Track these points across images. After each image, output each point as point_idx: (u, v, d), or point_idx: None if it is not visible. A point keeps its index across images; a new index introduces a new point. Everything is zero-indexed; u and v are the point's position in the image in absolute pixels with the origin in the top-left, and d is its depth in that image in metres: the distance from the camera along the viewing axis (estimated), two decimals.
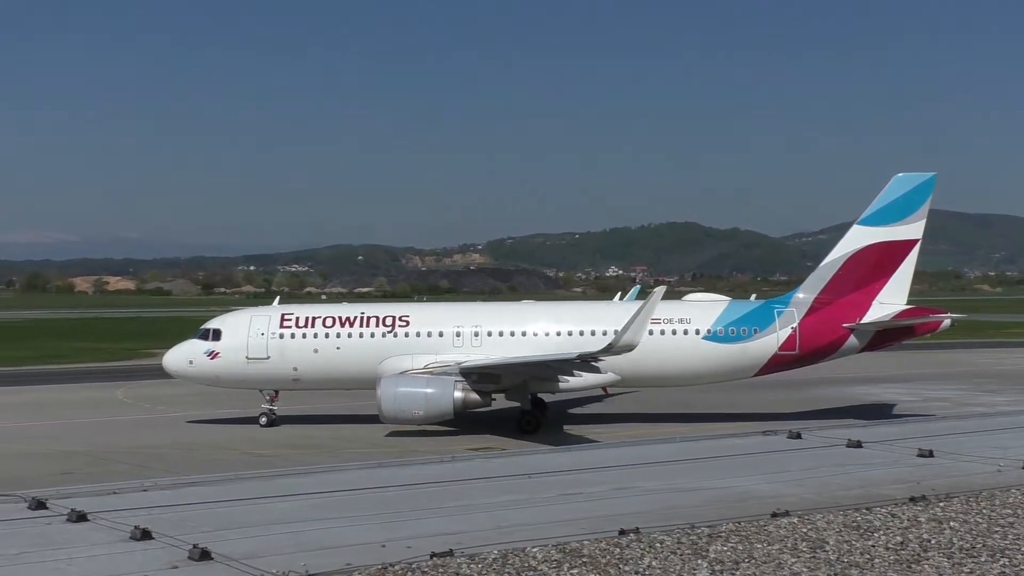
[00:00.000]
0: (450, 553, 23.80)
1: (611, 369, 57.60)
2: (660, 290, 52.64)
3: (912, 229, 59.78)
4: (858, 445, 37.61)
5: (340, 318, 60.62)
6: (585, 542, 24.66)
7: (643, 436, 50.60)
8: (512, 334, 59.62)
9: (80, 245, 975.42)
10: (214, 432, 57.70)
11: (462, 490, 32.39)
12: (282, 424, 60.26)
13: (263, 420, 60.34)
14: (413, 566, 23.11)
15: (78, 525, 27.82)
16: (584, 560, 23.41)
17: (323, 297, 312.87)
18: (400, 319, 60.26)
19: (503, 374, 55.61)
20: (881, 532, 25.22)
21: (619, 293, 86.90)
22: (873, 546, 24.08)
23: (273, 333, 59.87)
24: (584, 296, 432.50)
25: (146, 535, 25.95)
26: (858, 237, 60.22)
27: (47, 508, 30.01)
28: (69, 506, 29.39)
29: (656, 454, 39.30)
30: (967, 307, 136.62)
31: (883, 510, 27.32)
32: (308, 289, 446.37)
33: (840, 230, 62.36)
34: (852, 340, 59.81)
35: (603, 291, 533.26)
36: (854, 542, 24.37)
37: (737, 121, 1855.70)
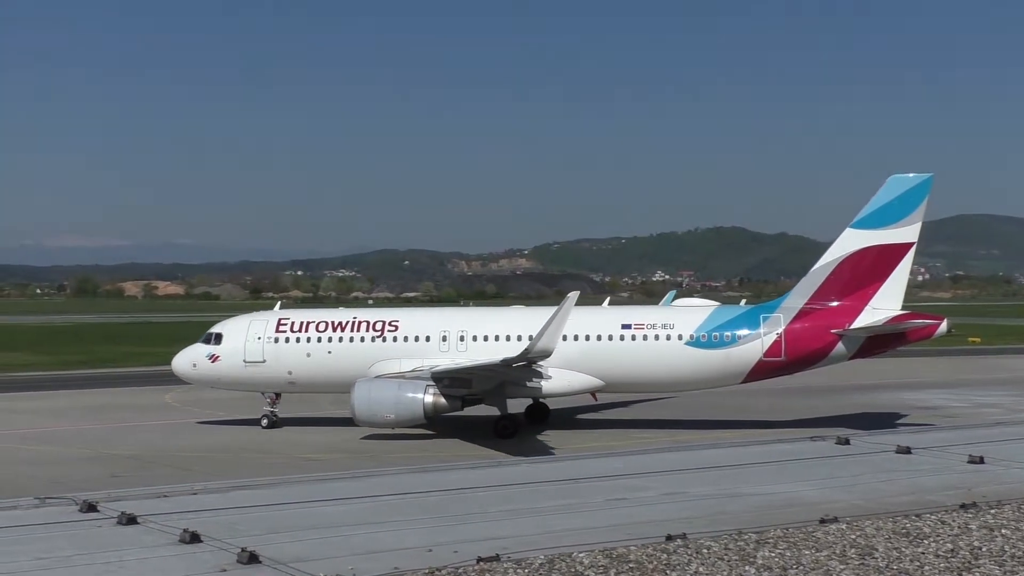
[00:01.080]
0: (496, 558, 23.80)
1: (595, 374, 58.53)
2: (573, 295, 52.56)
3: (907, 232, 57.73)
4: (907, 451, 37.29)
5: (332, 323, 61.76)
6: (632, 547, 24.60)
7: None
8: (497, 338, 59.95)
9: (130, 250, 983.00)
10: (262, 436, 58.03)
11: (508, 494, 32.38)
12: (325, 427, 60.70)
13: (264, 422, 61.55)
14: (460, 571, 23.13)
15: (128, 528, 28.06)
16: (631, 566, 23.34)
17: (370, 302, 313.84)
18: (389, 324, 61.20)
19: (473, 378, 55.62)
20: (931, 539, 24.99)
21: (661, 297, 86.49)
22: (923, 553, 23.85)
23: (269, 337, 61.26)
24: (629, 301, 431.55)
25: (195, 538, 26.14)
26: (851, 240, 58.21)
27: (98, 511, 30.29)
28: (119, 509, 29.65)
29: (704, 459, 39.13)
30: (1018, 312, 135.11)
31: (933, 517, 27.06)
32: (355, 294, 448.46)
33: None
34: (840, 346, 57.94)
35: (649, 296, 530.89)
36: (904, 549, 24.15)
37: (784, 124, 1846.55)
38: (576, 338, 58.98)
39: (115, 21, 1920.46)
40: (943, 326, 58.49)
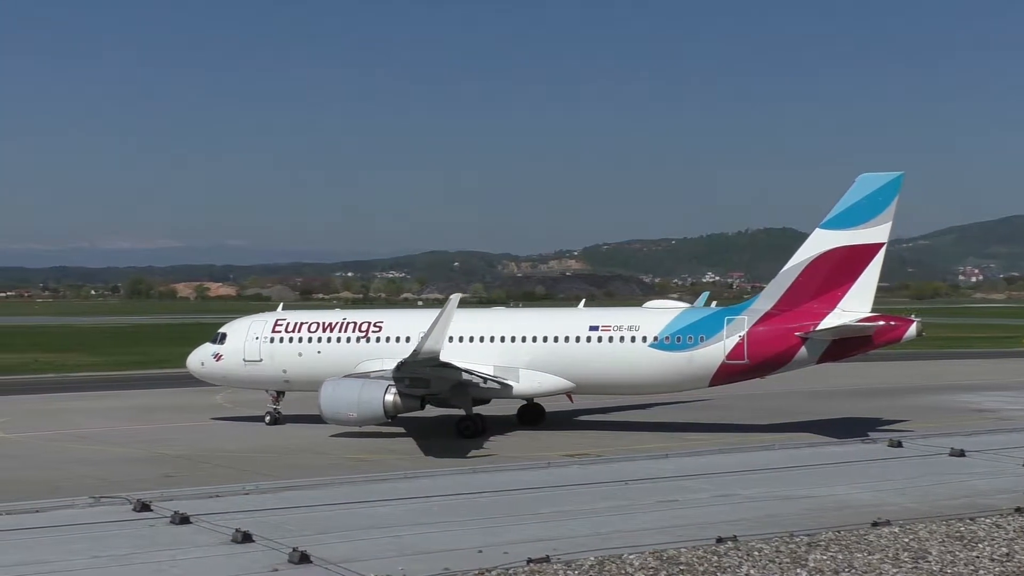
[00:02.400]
0: (547, 559, 23.82)
1: (564, 376, 59.02)
2: (455, 298, 53.22)
3: (877, 232, 56.21)
4: (961, 454, 36.99)
5: (323, 324, 63.98)
6: (682, 549, 24.54)
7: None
8: (471, 340, 60.81)
9: (183, 251, 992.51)
10: (312, 436, 58.28)
11: (558, 496, 32.39)
12: (381, 426, 60.96)
13: (267, 419, 63.06)
14: (510, 572, 23.16)
15: (181, 527, 28.34)
16: (681, 567, 23.28)
17: (419, 304, 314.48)
18: (374, 325, 63.10)
19: (431, 379, 55.93)
20: (986, 543, 24.75)
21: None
22: (977, 557, 23.63)
23: (266, 338, 63.72)
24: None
25: (247, 538, 26.36)
26: (820, 241, 56.68)
27: (151, 510, 30.62)
28: (172, 508, 29.96)
29: (755, 461, 38.99)
30: None
31: (988, 520, 26.82)
32: (405, 295, 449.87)
33: (940, 236, 60.89)
34: (804, 350, 56.22)
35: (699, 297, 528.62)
36: (958, 553, 23.94)
37: (833, 125, 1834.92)
38: (545, 339, 59.94)
39: (172, 20, 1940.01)
40: (912, 329, 56.38)
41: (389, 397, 54.21)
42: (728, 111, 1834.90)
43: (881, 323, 56.07)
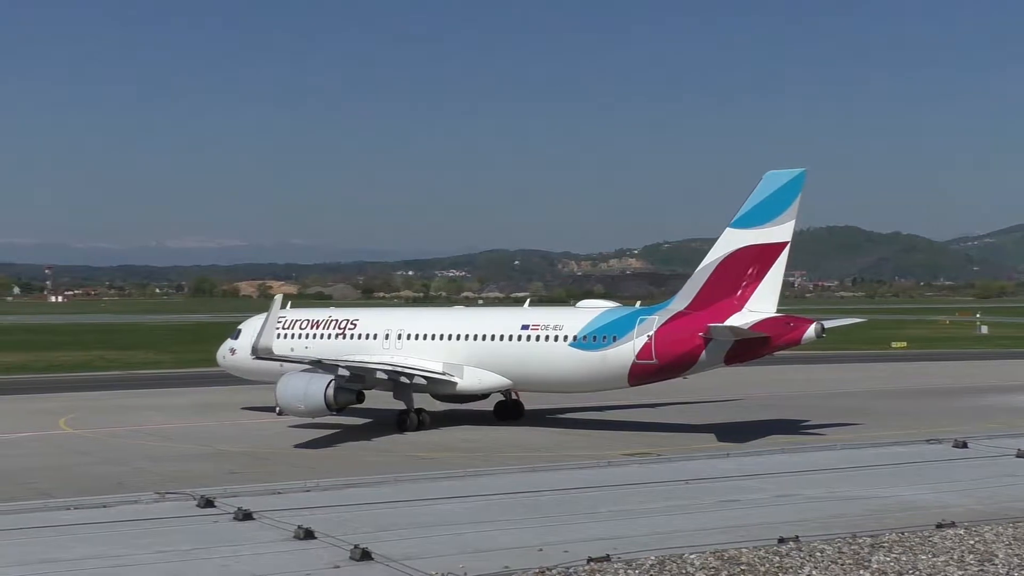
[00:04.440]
0: (607, 558, 23.78)
1: (501, 373, 60.81)
2: (279, 298, 57.02)
3: (782, 231, 54.97)
4: None
5: (312, 321, 67.53)
6: (743, 549, 24.41)
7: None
8: (426, 337, 63.26)
9: (247, 250, 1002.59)
10: (374, 434, 58.63)
11: (618, 495, 32.32)
12: (437, 426, 61.32)
13: (277, 410, 62.99)
14: (570, 570, 23.15)
15: (244, 523, 28.59)
16: (742, 568, 23.16)
17: (480, 302, 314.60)
18: (351, 322, 66.19)
19: (364, 374, 59.05)
20: None
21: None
22: None
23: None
24: None
25: (309, 535, 26.54)
26: (729, 241, 55.65)
27: (215, 506, 30.91)
28: (236, 505, 30.22)
29: (816, 462, 38.70)
30: None
31: None
32: (465, 293, 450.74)
33: (1008, 233, 59.81)
34: (708, 350, 55.20)
35: None
36: None
37: (897, 121, 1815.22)
38: (484, 338, 61.64)
39: (234, 18, 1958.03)
40: (811, 331, 54.67)
41: (330, 391, 56.84)
42: (783, 107, 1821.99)
43: (781, 324, 54.86)
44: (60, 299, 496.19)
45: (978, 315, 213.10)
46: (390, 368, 60.17)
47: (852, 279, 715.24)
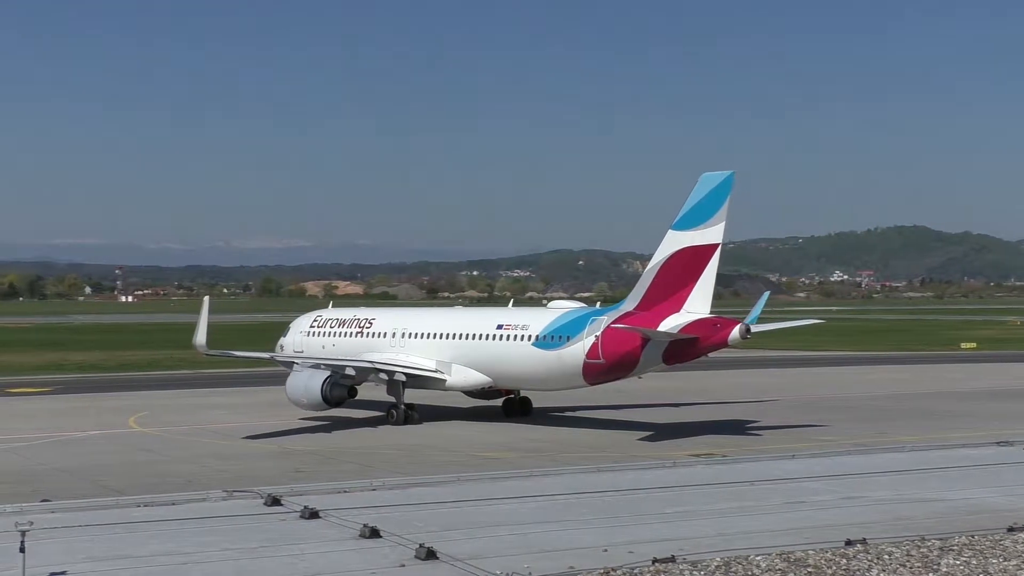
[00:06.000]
0: (672, 559, 23.75)
1: (482, 371, 62.89)
2: (207, 299, 61.32)
3: (714, 232, 55.26)
4: None
5: (339, 320, 71.38)
6: (810, 551, 24.27)
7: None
8: (426, 336, 65.88)
9: (313, 250, 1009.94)
10: (438, 433, 58.87)
11: (684, 496, 32.25)
12: (507, 424, 61.78)
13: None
14: (635, 571, 23.14)
15: (311, 522, 28.87)
16: (809, 570, 23.03)
17: (544, 302, 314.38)
18: (367, 321, 69.78)
19: (356, 371, 62.45)
20: None
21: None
22: None
23: (303, 332, 72.22)
24: (805, 302, 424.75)
25: (375, 533, 26.75)
26: (670, 242, 56.11)
27: (282, 505, 31.24)
28: (302, 503, 30.53)
29: (884, 463, 38.37)
30: None
31: None
32: (529, 294, 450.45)
33: None
34: (647, 351, 55.59)
35: (827, 296, 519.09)
36: None
37: (967, 119, 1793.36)
38: (468, 337, 64.01)
39: (301, 21, 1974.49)
40: (735, 332, 54.36)
41: (327, 387, 60.84)
42: (851, 108, 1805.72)
43: (709, 326, 54.88)
44: (130, 299, 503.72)
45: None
46: (365, 366, 63.36)
47: (920, 279, 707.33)
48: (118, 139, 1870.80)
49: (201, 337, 58.80)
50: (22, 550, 23.10)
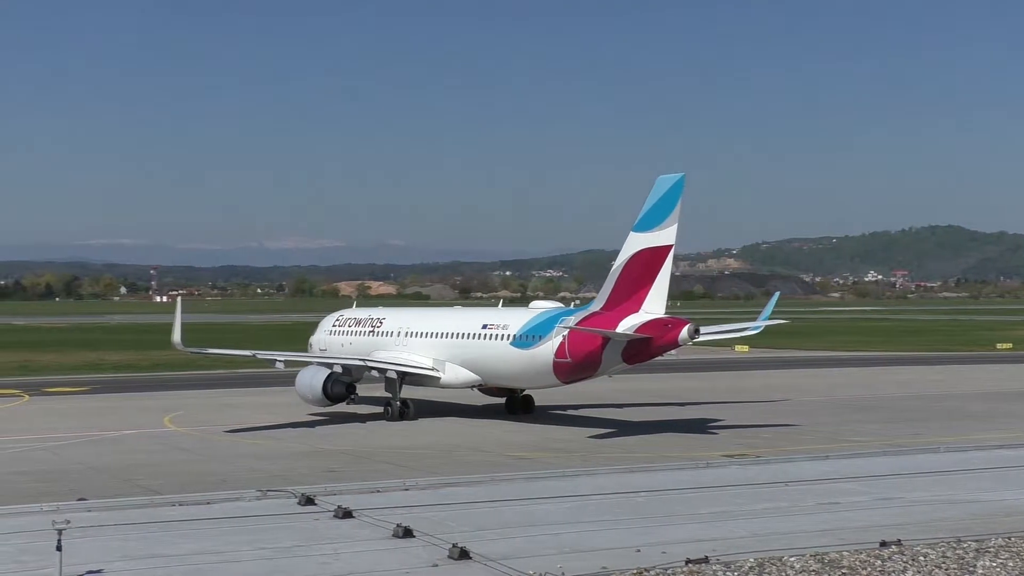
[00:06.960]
0: (705, 560, 23.71)
1: (471, 369, 64.34)
2: (179, 300, 66.31)
3: (667, 234, 55.92)
4: None
5: (356, 319, 73.92)
6: (844, 553, 24.17)
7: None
8: (424, 335, 67.72)
9: (345, 251, 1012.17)
10: (472, 434, 58.88)
11: (717, 496, 32.17)
12: (533, 425, 61.78)
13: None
14: (668, 571, 23.11)
15: (344, 521, 28.97)
16: (843, 571, 22.94)
17: (576, 302, 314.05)
18: (378, 321, 72.01)
19: (352, 369, 65.34)
20: None
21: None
22: None
23: (327, 330, 75.00)
24: (839, 302, 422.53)
25: (408, 533, 26.81)
26: (630, 244, 57.11)
27: (315, 504, 31.36)
28: (336, 503, 30.63)
29: (918, 464, 38.15)
30: None
31: None
32: (562, 294, 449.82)
33: None
34: (608, 351, 56.31)
35: (861, 296, 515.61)
36: None
37: (1003, 118, 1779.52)
38: (452, 335, 65.93)
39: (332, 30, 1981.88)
40: (684, 332, 54.91)
41: (327, 383, 63.39)
42: (882, 108, 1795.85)
43: (660, 326, 55.57)
44: (164, 299, 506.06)
45: None
46: (358, 363, 65.39)
47: (956, 280, 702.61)
48: (152, 142, 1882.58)
49: (177, 335, 61.08)
50: (59, 548, 23.29)
